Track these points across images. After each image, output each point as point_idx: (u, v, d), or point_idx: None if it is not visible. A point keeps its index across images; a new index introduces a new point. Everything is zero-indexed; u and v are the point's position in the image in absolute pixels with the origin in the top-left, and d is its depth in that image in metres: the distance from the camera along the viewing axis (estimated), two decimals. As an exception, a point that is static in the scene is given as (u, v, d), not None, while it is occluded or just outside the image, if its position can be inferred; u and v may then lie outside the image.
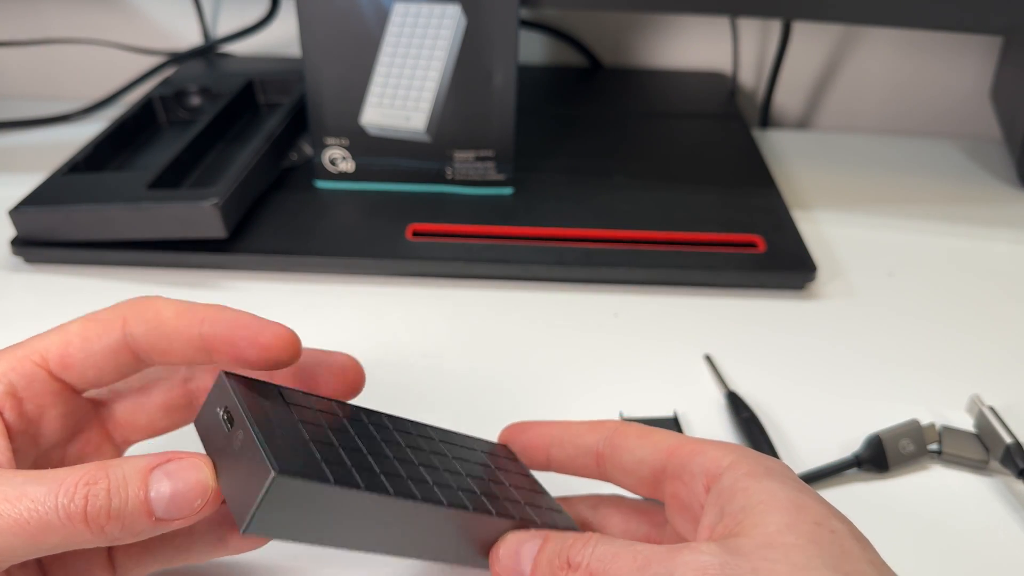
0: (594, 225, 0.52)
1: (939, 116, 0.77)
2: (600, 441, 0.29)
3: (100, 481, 0.23)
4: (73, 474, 0.23)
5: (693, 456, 0.26)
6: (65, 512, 0.22)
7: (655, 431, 0.28)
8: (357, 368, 0.32)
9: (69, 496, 0.23)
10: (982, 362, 0.45)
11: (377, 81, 0.52)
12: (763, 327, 0.47)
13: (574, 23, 0.76)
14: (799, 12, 0.52)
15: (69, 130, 0.68)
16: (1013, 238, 0.56)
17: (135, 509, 0.23)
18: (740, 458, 0.25)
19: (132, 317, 0.27)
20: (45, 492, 0.23)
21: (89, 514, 0.23)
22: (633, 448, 0.28)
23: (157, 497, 0.23)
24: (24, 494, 0.23)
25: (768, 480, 0.24)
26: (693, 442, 0.27)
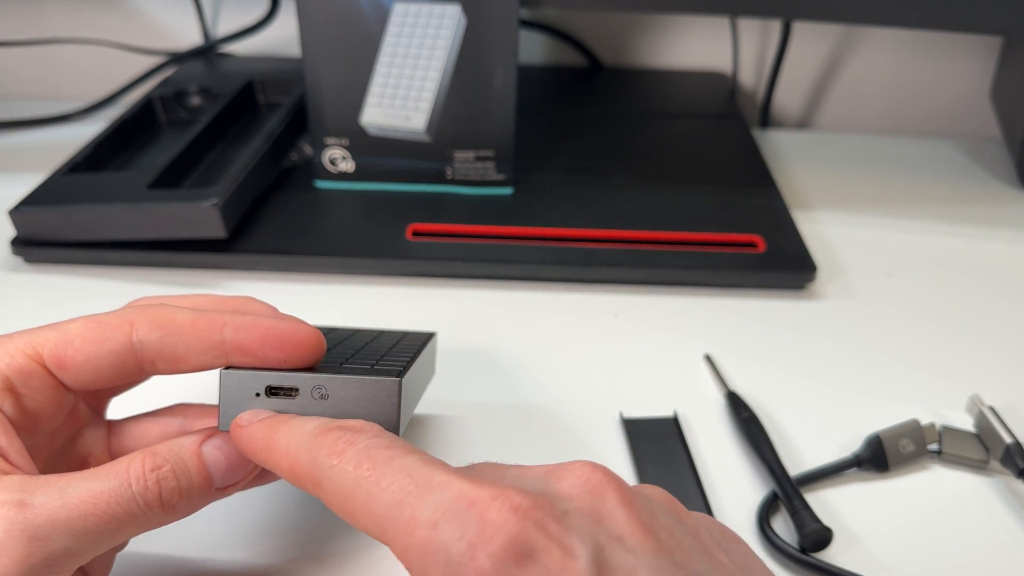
0: (594, 225, 0.52)
1: (939, 116, 0.77)
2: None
3: (163, 464, 0.25)
4: (133, 464, 0.25)
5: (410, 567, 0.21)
6: (143, 500, 0.24)
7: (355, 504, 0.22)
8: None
9: (142, 484, 0.24)
10: (982, 362, 0.45)
11: (377, 81, 0.52)
12: (763, 327, 0.47)
13: (574, 23, 0.76)
14: (799, 12, 0.52)
15: (69, 130, 0.68)
16: (1013, 238, 0.56)
17: (199, 484, 0.26)
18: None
19: (142, 323, 0.27)
20: (117, 485, 0.24)
21: (164, 497, 0.25)
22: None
23: (215, 469, 0.26)
24: (98, 493, 0.24)
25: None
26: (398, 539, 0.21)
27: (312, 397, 0.26)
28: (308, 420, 0.25)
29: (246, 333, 0.27)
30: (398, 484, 0.22)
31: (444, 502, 0.21)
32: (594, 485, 0.22)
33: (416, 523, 0.21)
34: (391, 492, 0.21)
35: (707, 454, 0.38)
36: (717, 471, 0.37)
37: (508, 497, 0.20)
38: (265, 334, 0.27)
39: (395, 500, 0.21)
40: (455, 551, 0.20)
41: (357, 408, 0.26)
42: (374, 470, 0.22)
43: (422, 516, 0.21)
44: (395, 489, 0.21)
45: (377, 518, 0.21)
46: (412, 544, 0.21)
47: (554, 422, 0.40)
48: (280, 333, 0.27)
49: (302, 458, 0.24)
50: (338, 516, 0.23)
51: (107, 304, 0.28)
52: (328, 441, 0.23)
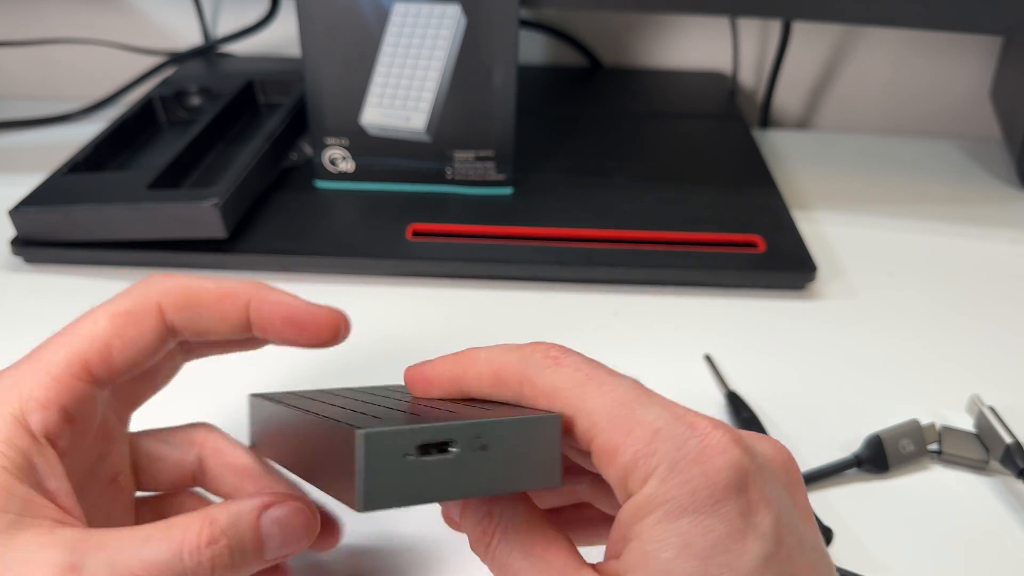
0: (594, 225, 0.52)
1: (939, 116, 0.77)
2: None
3: (220, 540, 0.24)
4: (188, 534, 0.23)
5: (610, 462, 0.22)
6: (193, 573, 0.23)
7: (566, 400, 0.23)
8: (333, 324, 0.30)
9: (195, 560, 0.23)
10: (982, 362, 0.45)
11: (377, 81, 0.52)
12: (763, 327, 0.47)
13: (574, 23, 0.76)
14: (799, 12, 0.52)
15: (69, 130, 0.68)
16: (1013, 238, 0.56)
17: (252, 559, 0.25)
18: (648, 488, 0.21)
19: (169, 304, 0.26)
20: (170, 557, 0.23)
21: (216, 571, 0.24)
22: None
23: (269, 544, 0.25)
24: (150, 565, 0.23)
25: (655, 538, 0.21)
26: (611, 435, 0.22)
27: (471, 448, 0.22)
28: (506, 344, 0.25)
29: (269, 311, 0.27)
30: (620, 390, 0.22)
31: (667, 415, 0.22)
32: (788, 461, 0.24)
33: (636, 423, 0.21)
34: (614, 395, 0.22)
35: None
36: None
37: (727, 431, 0.22)
38: (288, 313, 0.27)
39: (617, 401, 0.22)
40: (674, 458, 0.21)
41: (517, 454, 0.22)
42: (595, 375, 0.23)
43: (645, 419, 0.21)
44: (618, 393, 0.22)
45: (591, 413, 0.22)
46: (627, 441, 0.21)
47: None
48: (302, 314, 0.27)
49: (510, 361, 0.24)
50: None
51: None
52: (541, 350, 0.24)
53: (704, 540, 0.20)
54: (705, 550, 0.20)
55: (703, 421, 0.22)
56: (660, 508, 0.21)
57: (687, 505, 0.20)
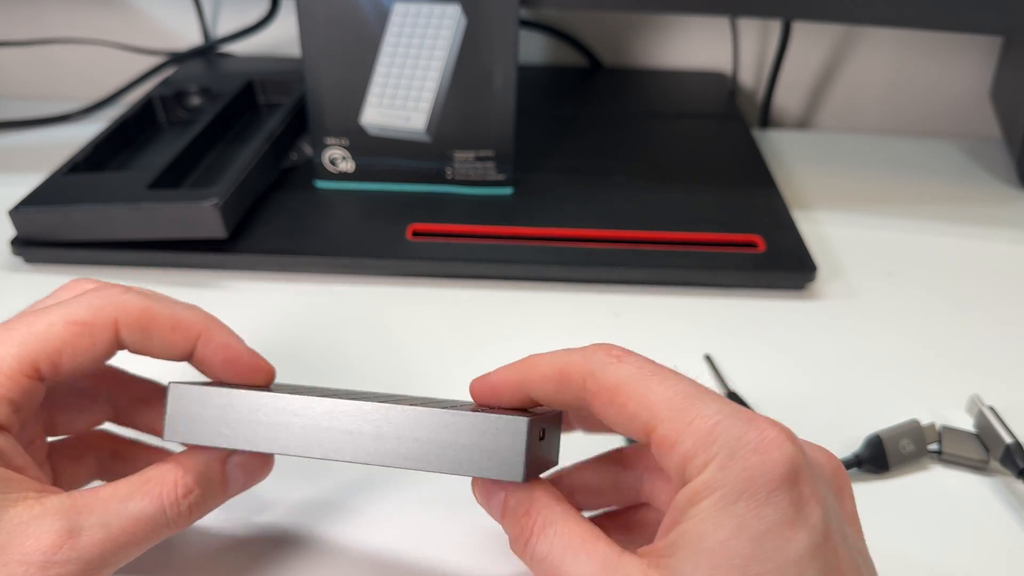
0: (594, 225, 0.52)
1: (939, 116, 0.77)
2: (573, 403, 0.26)
3: (195, 488, 0.27)
4: (167, 487, 0.27)
5: (667, 452, 0.23)
6: (175, 521, 0.27)
7: (626, 389, 0.24)
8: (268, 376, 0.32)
9: (176, 509, 0.27)
10: (982, 362, 0.45)
11: (377, 81, 0.52)
12: (763, 327, 0.47)
13: (574, 23, 0.76)
14: (799, 12, 0.52)
15: (69, 130, 0.68)
16: (1013, 238, 0.56)
17: (219, 499, 0.29)
18: (706, 472, 0.22)
19: (124, 323, 0.27)
20: (154, 511, 0.26)
21: (192, 515, 0.27)
22: (610, 418, 0.25)
23: (233, 485, 0.29)
24: (138, 519, 0.26)
25: (710, 517, 0.22)
26: (667, 420, 0.23)
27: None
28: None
29: (214, 350, 0.29)
30: (682, 386, 0.24)
31: (727, 409, 0.23)
32: (838, 469, 0.25)
33: (697, 415, 0.23)
34: (675, 388, 0.24)
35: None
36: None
37: (784, 428, 0.23)
38: (231, 356, 0.29)
39: (679, 394, 0.23)
40: (733, 447, 0.22)
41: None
42: (658, 371, 0.24)
43: (706, 412, 0.23)
44: (680, 388, 0.24)
45: (652, 405, 0.23)
46: (687, 431, 0.23)
47: (554, 422, 0.40)
48: (244, 361, 0.30)
49: (574, 359, 0.25)
50: (597, 407, 0.25)
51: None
52: (603, 349, 0.25)
53: (757, 524, 0.21)
54: (758, 534, 0.21)
55: (761, 418, 0.23)
56: (717, 492, 0.22)
57: (743, 491, 0.22)
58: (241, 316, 0.47)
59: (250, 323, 0.46)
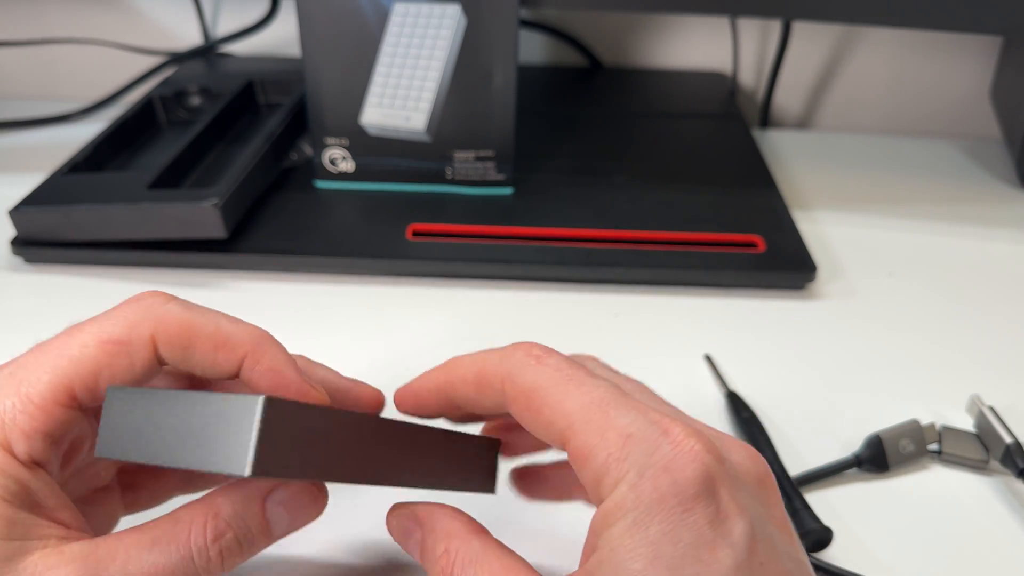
0: (594, 225, 0.52)
1: (939, 116, 0.77)
2: (495, 408, 0.25)
3: (227, 533, 0.24)
4: (195, 532, 0.24)
5: (583, 464, 0.22)
6: (205, 569, 0.24)
7: (542, 395, 0.23)
8: (376, 402, 0.30)
9: (204, 556, 0.23)
10: (982, 362, 0.45)
11: (377, 81, 0.52)
12: (763, 327, 0.47)
13: (574, 23, 0.76)
14: (799, 12, 0.52)
15: (69, 130, 0.68)
16: (1013, 238, 0.56)
17: (261, 544, 0.25)
18: (619, 495, 0.21)
19: (163, 339, 0.25)
20: (179, 559, 0.23)
21: (225, 564, 0.24)
22: (529, 423, 0.24)
23: (276, 526, 0.25)
24: (161, 567, 0.23)
25: (624, 547, 0.20)
26: (581, 431, 0.22)
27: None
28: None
29: (260, 375, 0.25)
30: (599, 392, 0.23)
31: (641, 420, 0.22)
32: (763, 472, 0.24)
33: (611, 427, 0.22)
34: (591, 396, 0.22)
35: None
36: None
37: (700, 438, 0.22)
38: (278, 383, 0.26)
39: (595, 402, 0.22)
40: (643, 465, 0.21)
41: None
42: (575, 376, 0.23)
43: (619, 423, 0.22)
44: (596, 395, 0.22)
45: (568, 414, 0.22)
46: (600, 444, 0.22)
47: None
48: (292, 388, 0.26)
49: (491, 361, 0.24)
50: (515, 412, 0.24)
51: (108, 304, 0.27)
52: (523, 348, 0.24)
53: (674, 550, 0.20)
54: (675, 560, 0.20)
55: (677, 427, 0.22)
56: (629, 515, 0.21)
57: (656, 513, 0.20)
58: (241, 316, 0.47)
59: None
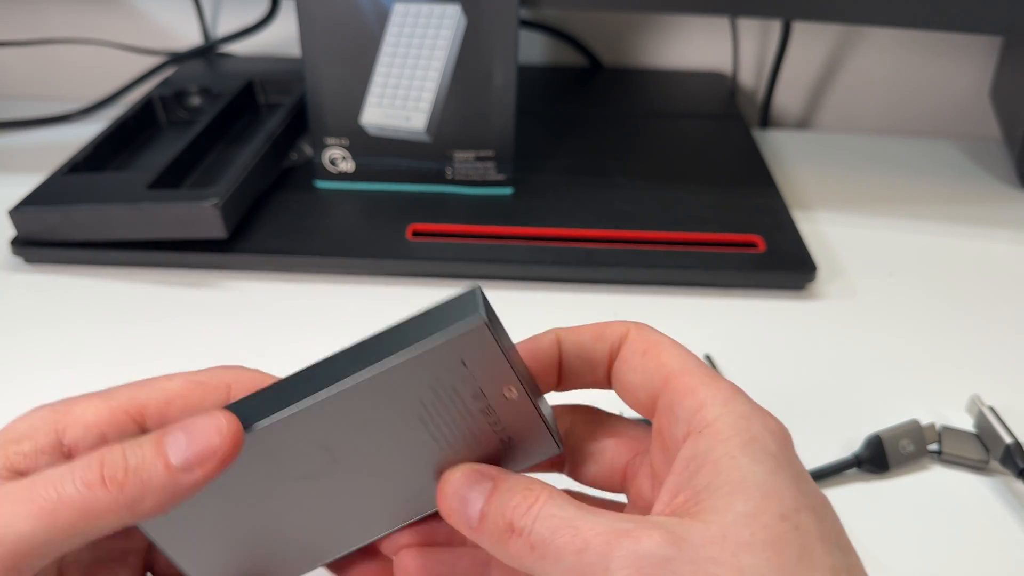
0: (594, 225, 0.52)
1: (939, 116, 0.77)
2: (608, 351, 0.26)
3: (113, 448, 0.22)
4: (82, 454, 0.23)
5: (684, 396, 0.24)
6: (82, 480, 0.21)
7: (665, 347, 0.25)
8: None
9: (85, 464, 0.22)
10: (982, 362, 0.45)
11: (377, 81, 0.52)
12: (763, 327, 0.47)
13: (574, 23, 0.76)
14: (799, 12, 0.52)
15: (69, 130, 0.68)
16: (1013, 238, 0.56)
17: (151, 461, 0.22)
18: (726, 417, 0.23)
19: (239, 389, 0.26)
20: (64, 468, 0.22)
21: (106, 475, 0.22)
22: (636, 367, 0.25)
23: (174, 448, 0.22)
24: (43, 476, 0.22)
25: (744, 455, 0.22)
26: (690, 375, 0.24)
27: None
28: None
29: None
30: (708, 367, 0.25)
31: (740, 392, 0.24)
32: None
33: (717, 382, 0.24)
34: (704, 367, 0.24)
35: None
36: None
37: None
38: None
39: (704, 368, 0.24)
40: (746, 414, 0.23)
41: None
42: (691, 353, 0.25)
43: (724, 384, 0.24)
44: (706, 367, 0.24)
45: (683, 362, 0.24)
46: (707, 388, 0.23)
47: (554, 422, 0.40)
48: None
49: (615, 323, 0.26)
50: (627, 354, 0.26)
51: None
52: (640, 323, 0.26)
53: (790, 467, 0.22)
54: (794, 474, 0.22)
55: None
56: (741, 436, 0.22)
57: (769, 441, 0.22)
58: (241, 316, 0.47)
59: (250, 323, 0.46)
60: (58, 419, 0.24)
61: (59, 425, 0.24)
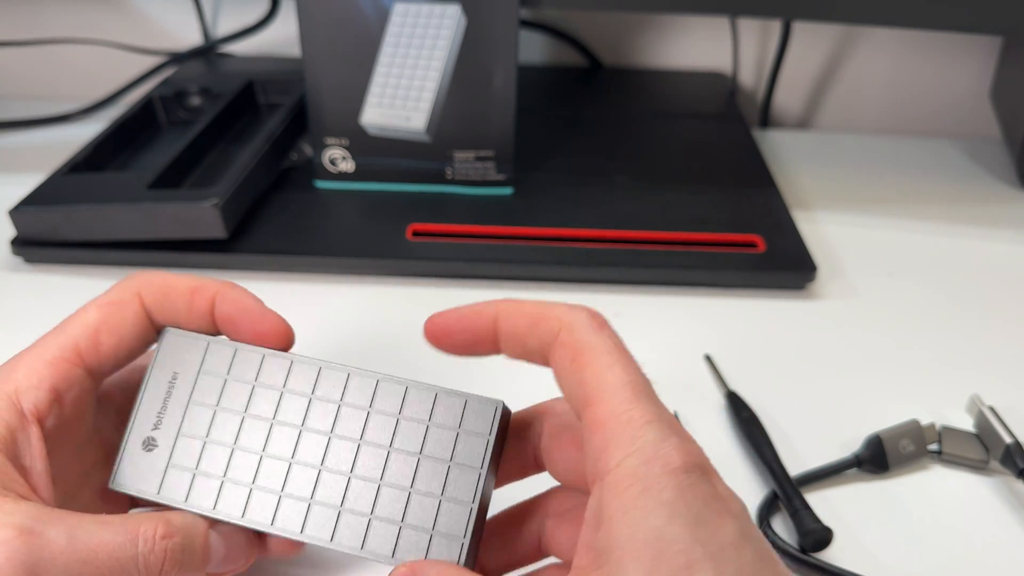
0: (594, 225, 0.52)
1: (939, 116, 0.77)
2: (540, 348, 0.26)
3: (175, 535, 0.26)
4: (145, 525, 0.25)
5: (593, 431, 0.23)
6: (144, 562, 0.25)
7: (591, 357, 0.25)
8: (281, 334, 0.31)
9: (149, 547, 0.25)
10: (982, 362, 0.45)
11: (377, 81, 0.52)
12: (763, 327, 0.47)
13: (574, 23, 0.76)
14: (799, 12, 0.52)
15: (69, 130, 0.68)
16: (1013, 238, 0.56)
17: (197, 564, 0.27)
18: (626, 463, 0.22)
19: (148, 291, 0.28)
20: (125, 541, 0.24)
21: (165, 567, 0.25)
22: (564, 377, 0.25)
23: (214, 556, 0.27)
24: (105, 543, 0.24)
25: (638, 509, 0.21)
26: (604, 402, 0.24)
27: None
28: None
29: (228, 307, 0.29)
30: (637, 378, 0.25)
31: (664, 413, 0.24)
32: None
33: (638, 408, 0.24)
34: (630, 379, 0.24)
35: (707, 454, 0.38)
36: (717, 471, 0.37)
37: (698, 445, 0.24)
38: (242, 314, 0.29)
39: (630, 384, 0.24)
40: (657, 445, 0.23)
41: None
42: (623, 358, 0.25)
43: (646, 407, 0.24)
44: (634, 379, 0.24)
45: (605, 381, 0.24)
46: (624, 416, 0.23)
47: (554, 422, 0.40)
48: (254, 319, 0.29)
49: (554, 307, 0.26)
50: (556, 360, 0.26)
51: None
52: (587, 311, 0.26)
53: (688, 510, 0.21)
54: (690, 518, 0.21)
55: (687, 433, 0.24)
56: (640, 482, 0.22)
57: (667, 481, 0.22)
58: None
59: (250, 323, 0.46)
60: (8, 391, 0.26)
61: (12, 397, 0.26)
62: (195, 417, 0.28)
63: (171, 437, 0.28)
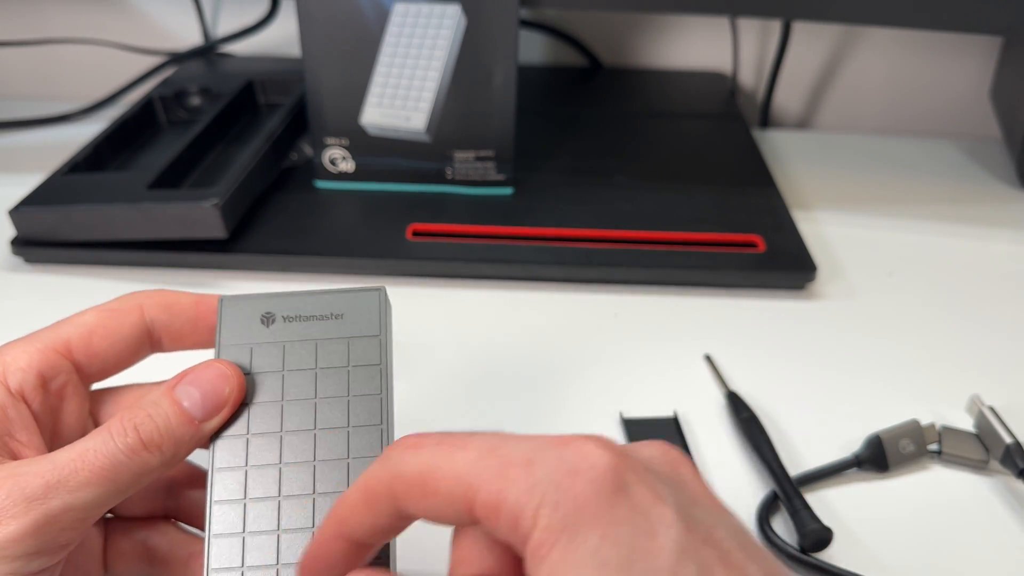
0: (594, 225, 0.52)
1: (939, 116, 0.77)
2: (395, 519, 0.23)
3: (138, 414, 0.26)
4: (112, 421, 0.26)
5: (497, 514, 0.21)
6: (127, 446, 0.25)
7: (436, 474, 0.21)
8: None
9: (122, 434, 0.25)
10: (982, 362, 0.45)
11: (377, 81, 0.52)
12: (763, 327, 0.47)
13: (574, 23, 0.76)
14: (799, 12, 0.52)
15: (69, 130, 0.68)
16: (1013, 238, 0.56)
17: (177, 421, 0.26)
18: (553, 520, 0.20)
19: (150, 306, 0.29)
20: (100, 441, 0.25)
21: (145, 440, 0.26)
22: (432, 514, 0.22)
23: (190, 403, 0.27)
24: (84, 451, 0.25)
25: (587, 557, 0.19)
26: (490, 485, 0.21)
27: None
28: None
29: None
30: (486, 441, 0.22)
31: (535, 443, 0.21)
32: (673, 457, 0.23)
33: (510, 463, 0.21)
34: (480, 448, 0.21)
35: (707, 454, 0.38)
36: (717, 471, 0.37)
37: (597, 439, 0.21)
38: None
39: (485, 451, 0.21)
40: (556, 479, 0.20)
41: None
42: (457, 441, 0.22)
43: (516, 456, 0.21)
44: (484, 443, 0.21)
45: (464, 475, 0.21)
46: (506, 483, 0.20)
47: (554, 422, 0.40)
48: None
49: (373, 470, 0.23)
50: (413, 506, 0.22)
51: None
52: (397, 446, 0.23)
53: (618, 551, 0.19)
54: (622, 560, 0.19)
55: (574, 436, 0.21)
56: (562, 535, 0.19)
57: (585, 522, 0.19)
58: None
59: (250, 323, 0.46)
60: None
61: (0, 376, 0.27)
62: None
63: None
